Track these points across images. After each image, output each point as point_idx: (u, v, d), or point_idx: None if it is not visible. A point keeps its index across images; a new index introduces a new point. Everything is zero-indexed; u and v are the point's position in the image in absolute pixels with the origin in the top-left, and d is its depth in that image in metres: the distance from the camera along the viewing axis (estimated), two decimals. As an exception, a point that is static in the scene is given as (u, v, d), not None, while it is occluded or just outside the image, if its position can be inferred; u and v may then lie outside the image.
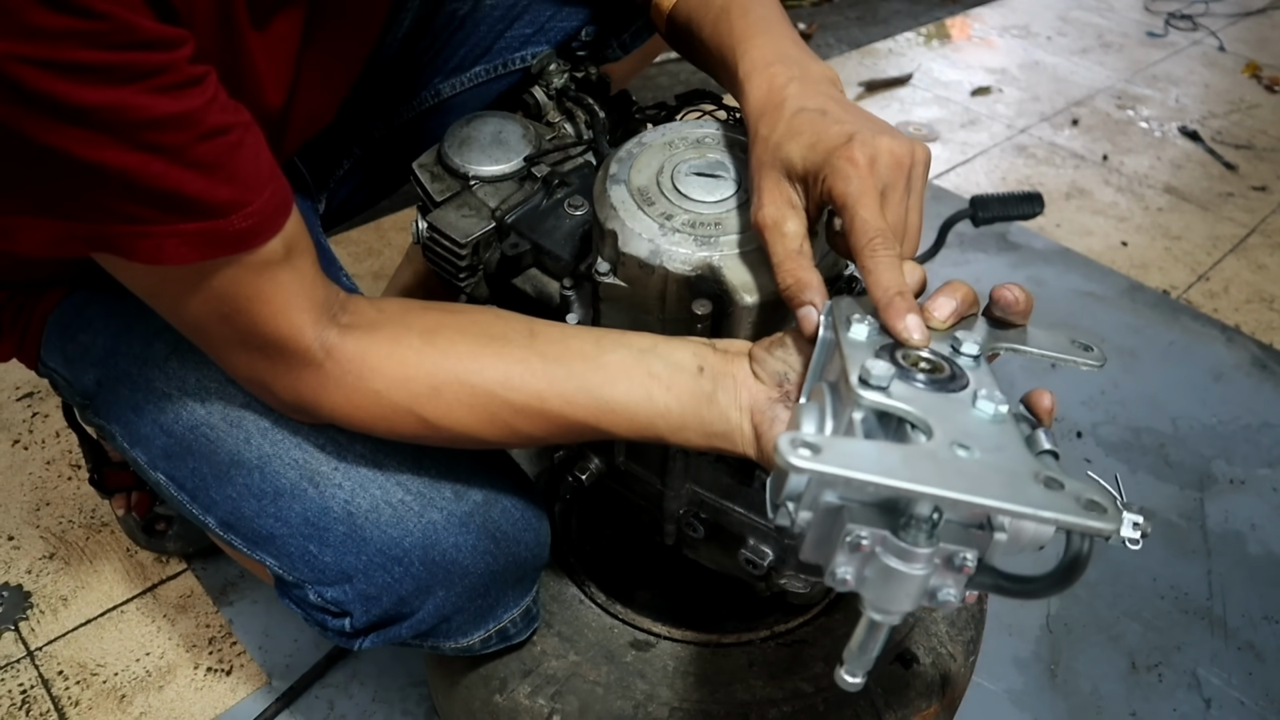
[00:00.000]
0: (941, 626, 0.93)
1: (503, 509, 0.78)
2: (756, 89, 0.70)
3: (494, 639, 0.83)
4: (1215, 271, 1.97)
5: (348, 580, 0.75)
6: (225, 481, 0.76)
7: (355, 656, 1.11)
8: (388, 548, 0.74)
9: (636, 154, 0.77)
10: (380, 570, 0.74)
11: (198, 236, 0.57)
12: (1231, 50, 2.98)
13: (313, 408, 0.68)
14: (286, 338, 0.64)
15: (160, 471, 0.79)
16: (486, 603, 0.80)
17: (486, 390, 0.66)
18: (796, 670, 0.87)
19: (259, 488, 0.75)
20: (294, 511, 0.75)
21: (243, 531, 0.77)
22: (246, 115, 0.59)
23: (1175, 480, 1.49)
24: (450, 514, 0.75)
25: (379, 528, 0.74)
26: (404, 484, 0.75)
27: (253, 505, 0.75)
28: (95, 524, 1.23)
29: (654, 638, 0.90)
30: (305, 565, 0.75)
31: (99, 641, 1.11)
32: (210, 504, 0.77)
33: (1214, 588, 1.33)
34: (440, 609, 0.77)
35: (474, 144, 0.92)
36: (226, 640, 1.12)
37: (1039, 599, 0.81)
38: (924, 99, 2.52)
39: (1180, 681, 1.21)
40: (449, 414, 0.67)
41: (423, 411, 0.67)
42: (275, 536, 0.75)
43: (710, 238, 0.70)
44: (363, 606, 0.75)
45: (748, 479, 0.76)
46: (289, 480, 0.75)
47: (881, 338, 0.57)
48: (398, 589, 0.75)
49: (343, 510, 0.74)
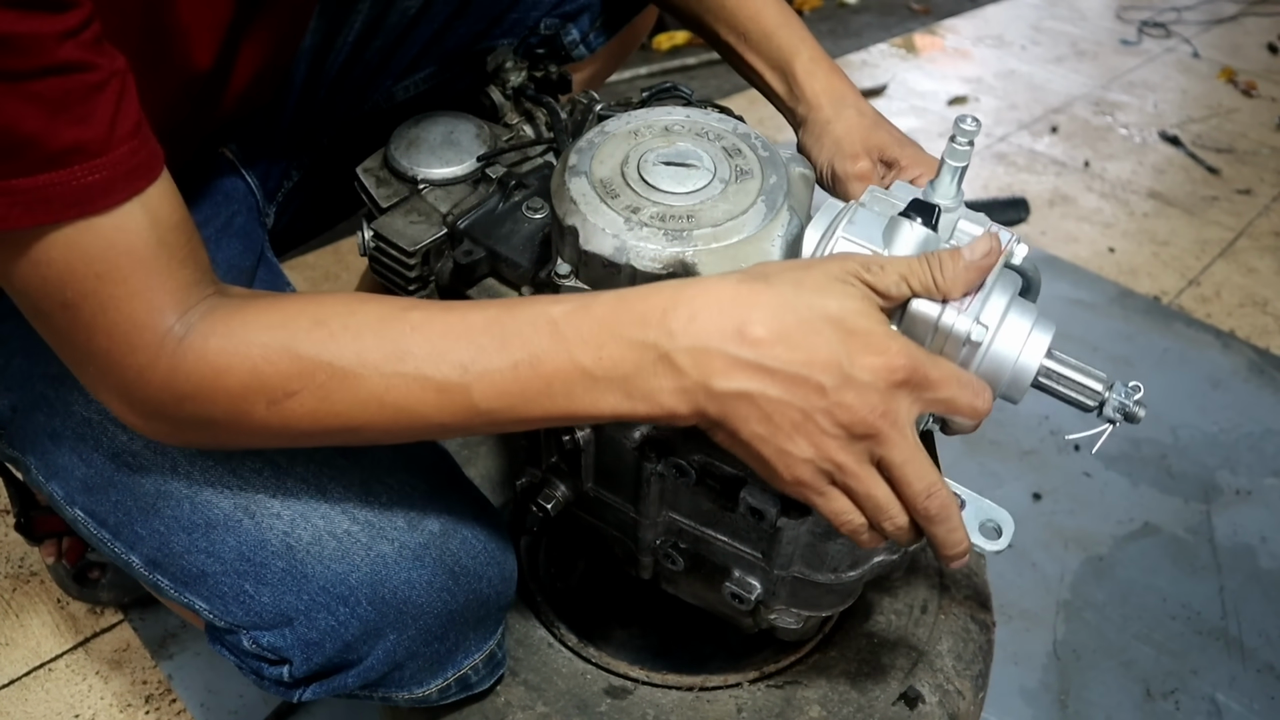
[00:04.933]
0: (948, 661, 0.84)
1: (462, 540, 0.70)
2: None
3: (453, 688, 0.75)
4: (1205, 276, 1.92)
5: (287, 623, 0.66)
6: (151, 514, 0.68)
7: (306, 710, 1.01)
8: (331, 585, 0.66)
9: (599, 143, 0.69)
10: (323, 611, 0.66)
11: (31, 194, 0.48)
12: (1206, 56, 2.95)
13: (170, 394, 0.56)
14: (144, 325, 0.54)
15: (78, 506, 0.71)
16: (444, 647, 0.71)
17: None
18: (789, 715, 0.79)
19: (188, 520, 0.67)
20: (227, 545, 0.67)
21: (170, 570, 0.69)
22: (121, 62, 0.50)
23: (1179, 493, 1.42)
24: (402, 546, 0.67)
25: (322, 562, 0.66)
26: (350, 513, 0.68)
27: (182, 540, 0.67)
28: (23, 574, 1.14)
29: (631, 683, 0.81)
30: (239, 607, 0.67)
31: (23, 704, 1.01)
32: (135, 540, 0.69)
33: (1227, 606, 1.25)
34: (391, 655, 0.69)
35: (423, 145, 0.85)
36: (165, 698, 1.02)
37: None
38: (900, 109, 2.47)
39: (1199, 709, 1.13)
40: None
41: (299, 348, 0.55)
42: (207, 574, 0.67)
43: (682, 231, 0.62)
44: (303, 653, 0.67)
45: (731, 503, 0.68)
46: (221, 510, 0.67)
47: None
48: (342, 633, 0.66)
49: (281, 543, 0.66)
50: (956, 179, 0.64)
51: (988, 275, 0.58)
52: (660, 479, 0.71)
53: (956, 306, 0.57)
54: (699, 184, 0.66)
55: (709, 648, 0.91)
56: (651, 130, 0.70)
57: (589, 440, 0.72)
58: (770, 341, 0.53)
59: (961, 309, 0.57)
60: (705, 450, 0.67)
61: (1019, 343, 0.59)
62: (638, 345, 0.54)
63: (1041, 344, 0.59)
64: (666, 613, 0.92)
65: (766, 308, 0.53)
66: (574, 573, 0.96)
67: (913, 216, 0.59)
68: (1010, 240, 0.62)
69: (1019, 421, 1.49)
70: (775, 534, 0.68)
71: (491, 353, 0.55)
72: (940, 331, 0.58)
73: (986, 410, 0.57)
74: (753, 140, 0.70)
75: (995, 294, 0.59)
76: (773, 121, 2.37)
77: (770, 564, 0.72)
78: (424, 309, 0.57)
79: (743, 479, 0.67)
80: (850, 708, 0.80)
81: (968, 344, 0.57)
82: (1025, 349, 0.59)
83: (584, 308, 0.55)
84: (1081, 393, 0.60)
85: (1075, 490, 1.40)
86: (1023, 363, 0.59)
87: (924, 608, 0.88)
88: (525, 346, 0.55)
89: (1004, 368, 0.59)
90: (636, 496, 0.73)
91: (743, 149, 0.69)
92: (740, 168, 0.67)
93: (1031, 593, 1.24)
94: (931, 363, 0.55)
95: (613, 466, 0.73)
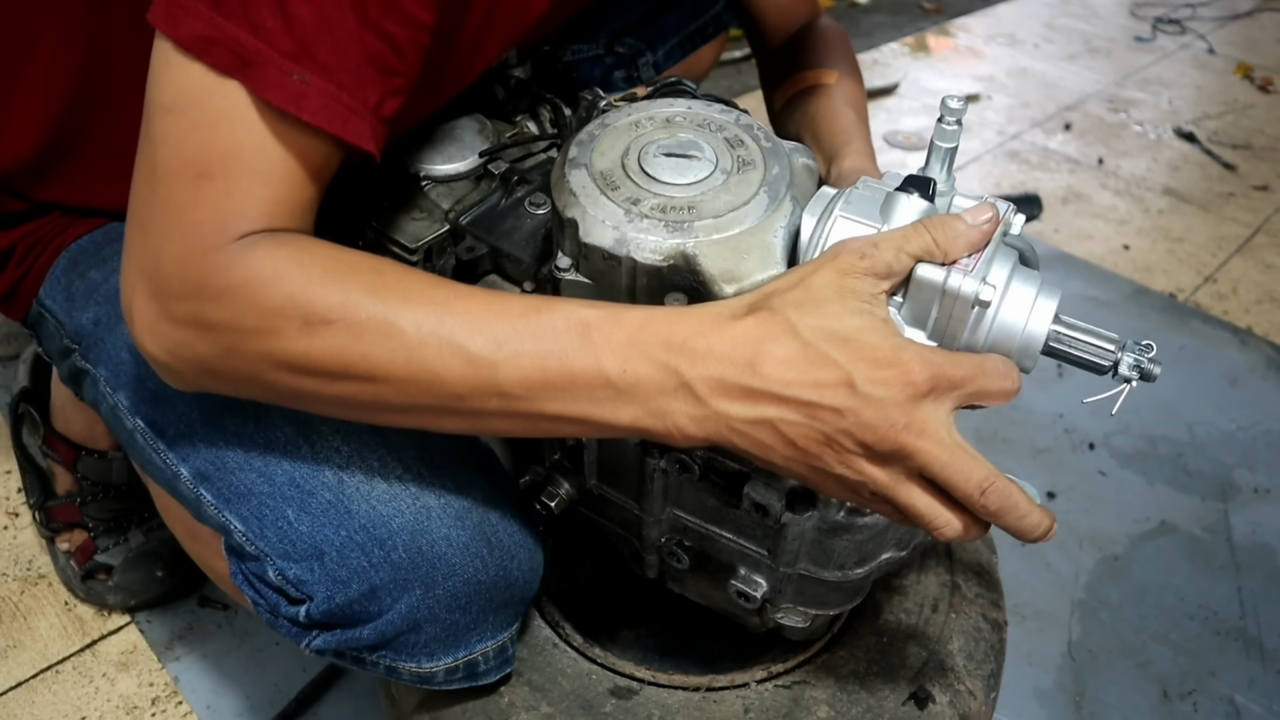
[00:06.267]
0: (959, 660, 0.83)
1: (502, 515, 0.71)
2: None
3: (460, 671, 0.74)
4: (1222, 273, 1.89)
5: (318, 557, 0.67)
6: (215, 427, 0.71)
7: (312, 711, 1.01)
8: (373, 526, 0.67)
9: (599, 135, 0.68)
10: (357, 550, 0.66)
11: (229, 43, 0.54)
12: (1221, 53, 2.92)
13: (212, 287, 0.57)
14: (238, 213, 0.57)
15: (140, 417, 0.74)
16: (464, 620, 0.71)
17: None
18: (797, 716, 0.78)
19: (251, 437, 0.70)
20: (281, 468, 0.69)
21: (219, 484, 0.70)
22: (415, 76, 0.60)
23: (1196, 491, 1.40)
24: (447, 504, 0.69)
25: (369, 502, 0.67)
26: (405, 461, 0.69)
27: (237, 456, 0.70)
28: (31, 576, 1.13)
29: (637, 683, 0.80)
30: (275, 532, 0.68)
31: (30, 706, 1.01)
32: (189, 451, 0.72)
33: (1246, 606, 1.23)
34: (412, 613, 0.68)
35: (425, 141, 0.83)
36: (172, 700, 1.02)
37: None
38: (911, 108, 2.45)
39: (1217, 710, 1.11)
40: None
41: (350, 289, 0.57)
42: (253, 494, 0.69)
43: (683, 223, 0.61)
44: (326, 591, 0.67)
45: (735, 499, 0.67)
46: (284, 434, 0.69)
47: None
48: (372, 576, 0.67)
49: (334, 476, 0.68)
50: (946, 162, 0.62)
51: (988, 238, 0.57)
52: (664, 475, 0.70)
53: (961, 269, 0.56)
54: (700, 175, 0.65)
55: (716, 648, 0.90)
56: (653, 122, 0.69)
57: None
58: (780, 371, 0.53)
59: (967, 271, 0.56)
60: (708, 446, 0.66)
61: (1026, 308, 0.58)
62: (661, 367, 0.55)
63: (1049, 308, 0.58)
64: (673, 612, 0.91)
65: (775, 339, 0.54)
66: (580, 572, 0.95)
67: (909, 190, 0.58)
68: (1008, 209, 0.61)
69: (1033, 420, 1.48)
70: (780, 530, 0.67)
71: (525, 337, 0.55)
72: (948, 295, 0.56)
73: (1016, 389, 0.57)
74: (755, 131, 0.69)
75: (998, 260, 0.58)
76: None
77: (776, 561, 0.71)
78: (467, 287, 0.59)
79: (746, 474, 0.66)
80: (859, 708, 0.78)
81: (977, 305, 0.56)
82: (1033, 314, 0.58)
83: (615, 318, 0.56)
84: (1094, 354, 0.59)
85: (1090, 489, 1.38)
86: (1032, 328, 0.58)
87: (934, 606, 0.86)
88: (557, 340, 0.55)
89: (1013, 334, 0.58)
90: (640, 493, 0.72)
91: (745, 140, 0.68)
92: (742, 158, 0.66)
93: (1046, 593, 1.23)
94: (951, 363, 0.54)
95: (616, 463, 0.72)
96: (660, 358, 0.55)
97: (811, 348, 0.53)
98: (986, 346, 0.59)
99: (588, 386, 0.55)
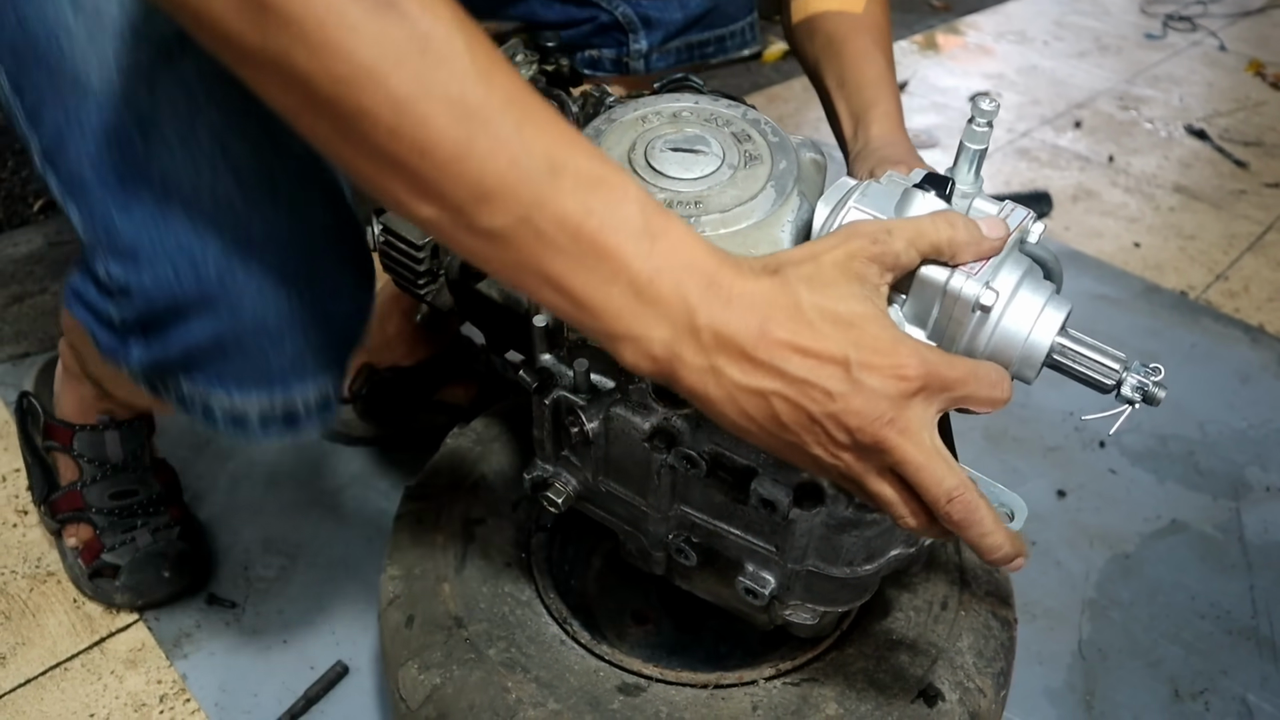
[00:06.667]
0: (969, 658, 0.83)
1: (330, 250, 0.70)
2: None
3: (278, 415, 0.72)
4: (1234, 270, 1.88)
5: (133, 258, 0.66)
6: (58, 104, 0.66)
7: (319, 709, 1.01)
8: (188, 242, 0.65)
9: (605, 130, 0.68)
10: (168, 263, 0.65)
11: None
12: (1233, 50, 2.91)
13: None
14: None
15: (4, 68, 0.68)
16: (278, 354, 0.69)
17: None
18: (806, 713, 0.77)
19: (88, 123, 0.65)
20: (109, 164, 0.65)
21: (60, 170, 0.68)
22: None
23: (1208, 490, 1.39)
24: (273, 232, 0.66)
25: (189, 216, 0.65)
26: (241, 179, 0.65)
27: (75, 143, 0.66)
28: (40, 574, 1.13)
29: (645, 680, 0.80)
30: (102, 228, 0.67)
31: (39, 704, 1.01)
32: (38, 124, 0.68)
33: (1258, 605, 1.22)
34: (219, 334, 0.67)
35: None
36: (179, 697, 1.02)
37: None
38: (921, 106, 2.44)
39: (1229, 710, 1.10)
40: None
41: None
42: (87, 186, 0.66)
43: (690, 218, 0.61)
44: (140, 291, 0.67)
45: (742, 495, 0.67)
46: (120, 122, 0.64)
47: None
48: (176, 290, 0.66)
49: (158, 179, 0.65)
50: (975, 163, 0.62)
51: (997, 251, 0.56)
52: (671, 471, 0.69)
53: (966, 271, 0.56)
54: (707, 170, 0.64)
55: (724, 645, 0.89)
56: (660, 116, 0.69)
57: (599, 432, 0.70)
58: (783, 344, 0.52)
59: (971, 274, 0.56)
60: (716, 441, 0.66)
61: (1031, 318, 0.57)
62: (682, 300, 0.52)
63: (1055, 320, 0.58)
64: (681, 610, 0.90)
65: (784, 310, 0.53)
66: (588, 569, 0.95)
67: (926, 188, 0.58)
68: (1027, 217, 0.60)
69: (1043, 418, 1.47)
70: (788, 526, 0.67)
71: (583, 163, 0.50)
72: (949, 295, 0.56)
73: (1005, 400, 0.56)
74: (762, 126, 0.68)
75: (1008, 267, 0.57)
76: (790, 121, 2.36)
77: (784, 558, 0.70)
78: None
79: (754, 470, 0.65)
80: (868, 705, 0.78)
81: (978, 310, 0.56)
82: (1038, 325, 0.57)
83: (668, 218, 0.53)
84: (1098, 371, 0.58)
85: (1100, 487, 1.38)
86: (1035, 339, 0.57)
87: (944, 604, 0.86)
88: (606, 202, 0.50)
89: (1015, 343, 0.57)
90: (647, 489, 0.72)
91: (752, 134, 0.67)
92: (749, 153, 0.66)
93: (1056, 592, 1.22)
94: (946, 364, 0.54)
95: (623, 458, 0.72)
96: (685, 288, 0.52)
97: (814, 326, 0.53)
98: (987, 353, 0.58)
99: (613, 271, 0.51)
